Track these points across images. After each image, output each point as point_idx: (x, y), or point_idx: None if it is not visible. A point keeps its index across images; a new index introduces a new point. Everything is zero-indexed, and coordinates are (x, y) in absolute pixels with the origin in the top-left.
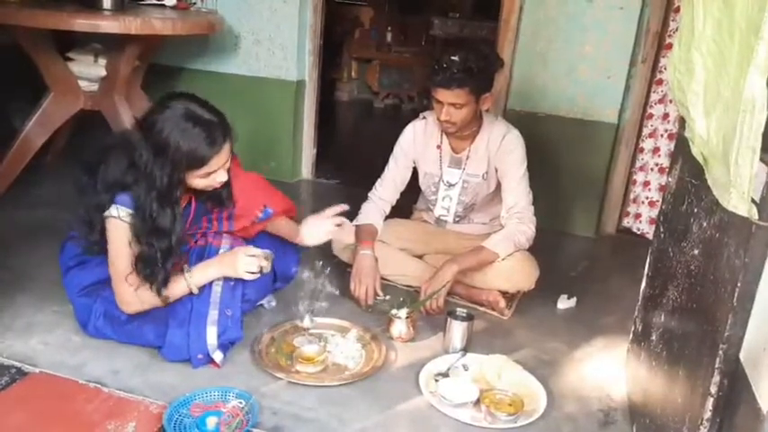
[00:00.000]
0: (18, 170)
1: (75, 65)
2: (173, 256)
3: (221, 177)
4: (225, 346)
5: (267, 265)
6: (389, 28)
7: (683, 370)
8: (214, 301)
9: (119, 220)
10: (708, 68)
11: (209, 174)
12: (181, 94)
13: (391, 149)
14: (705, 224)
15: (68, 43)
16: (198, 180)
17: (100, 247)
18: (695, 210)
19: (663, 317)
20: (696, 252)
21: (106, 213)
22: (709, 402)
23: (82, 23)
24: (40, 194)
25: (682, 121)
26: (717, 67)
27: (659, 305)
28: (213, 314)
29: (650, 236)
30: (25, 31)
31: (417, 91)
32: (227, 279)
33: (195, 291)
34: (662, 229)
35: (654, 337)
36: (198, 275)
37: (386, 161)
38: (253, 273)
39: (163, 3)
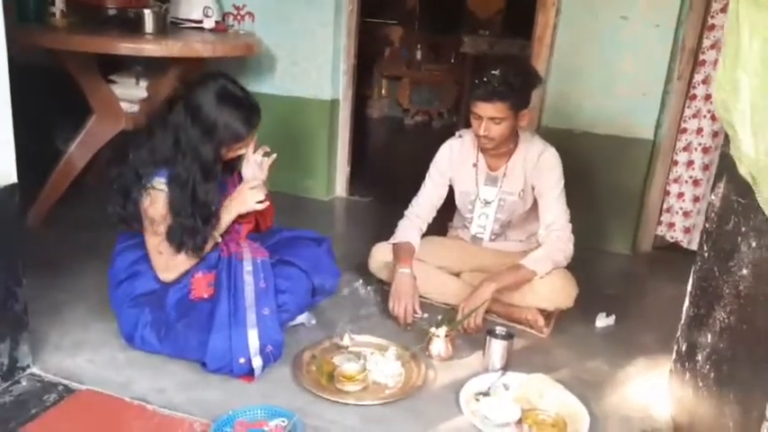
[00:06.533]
0: (62, 190)
1: (117, 87)
2: (211, 223)
3: (243, 152)
4: (266, 356)
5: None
6: (419, 46)
7: (734, 393)
8: (249, 304)
9: (159, 192)
10: (754, 88)
11: (241, 149)
12: (218, 74)
13: (423, 166)
14: (755, 244)
15: (110, 66)
16: (230, 155)
17: (133, 220)
18: (743, 229)
19: (710, 337)
20: (746, 272)
21: (147, 185)
22: (765, 427)
23: (127, 47)
24: (83, 214)
25: (726, 139)
26: (765, 86)
27: (705, 325)
28: (251, 317)
29: (684, 244)
30: (71, 55)
31: (447, 108)
32: (255, 280)
33: (218, 239)
34: (705, 248)
35: (700, 358)
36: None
37: (418, 177)
38: (261, 202)
39: (202, 26)
